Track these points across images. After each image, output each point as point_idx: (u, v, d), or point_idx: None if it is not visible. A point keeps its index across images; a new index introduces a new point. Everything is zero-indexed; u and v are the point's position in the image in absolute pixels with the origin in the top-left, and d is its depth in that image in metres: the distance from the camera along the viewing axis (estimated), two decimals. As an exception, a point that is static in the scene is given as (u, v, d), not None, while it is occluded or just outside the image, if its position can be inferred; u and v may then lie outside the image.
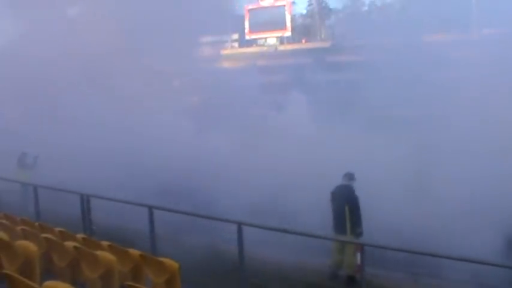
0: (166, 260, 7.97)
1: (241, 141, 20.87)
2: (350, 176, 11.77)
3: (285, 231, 9.57)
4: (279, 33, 53.31)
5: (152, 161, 20.03)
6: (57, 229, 9.98)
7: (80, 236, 9.68)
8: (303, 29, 51.29)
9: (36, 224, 10.81)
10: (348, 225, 11.21)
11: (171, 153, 20.08)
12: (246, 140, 20.90)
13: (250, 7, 55.69)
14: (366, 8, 47.81)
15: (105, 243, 8.91)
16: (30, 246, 8.12)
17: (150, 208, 10.72)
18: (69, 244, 8.63)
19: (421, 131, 18.75)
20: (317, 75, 25.72)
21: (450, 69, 18.49)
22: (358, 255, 9.70)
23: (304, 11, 56.38)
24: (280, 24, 52.83)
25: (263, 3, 54.78)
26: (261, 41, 54.41)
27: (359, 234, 11.20)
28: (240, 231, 9.13)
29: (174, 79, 26.35)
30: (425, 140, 18.36)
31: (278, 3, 53.74)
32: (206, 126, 22.58)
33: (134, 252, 8.47)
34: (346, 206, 11.29)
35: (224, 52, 49.49)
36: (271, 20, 52.65)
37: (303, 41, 47.26)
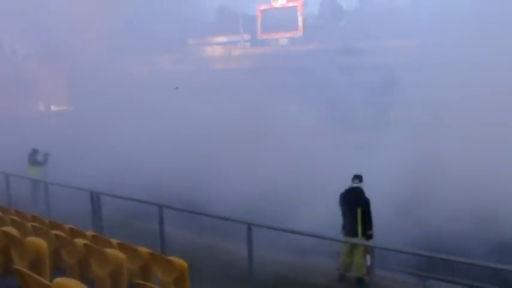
0: (176, 259, 7.98)
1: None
2: (360, 178, 11.74)
3: (294, 232, 9.56)
4: (290, 34, 53.27)
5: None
6: (67, 226, 10.01)
7: (89, 233, 9.72)
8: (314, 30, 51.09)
9: (47, 220, 10.86)
10: (359, 227, 11.19)
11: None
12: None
13: (262, 8, 55.73)
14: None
15: (114, 241, 8.93)
16: (41, 242, 8.14)
17: (160, 207, 10.76)
18: (79, 241, 8.65)
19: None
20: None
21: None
22: (368, 258, 9.71)
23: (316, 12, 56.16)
24: (292, 25, 52.79)
25: (275, 4, 54.77)
26: (273, 42, 54.42)
27: (369, 236, 11.18)
28: (249, 232, 9.14)
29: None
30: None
31: (290, 4, 53.71)
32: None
33: (143, 250, 8.48)
34: (358, 208, 11.26)
35: (235, 52, 49.54)
36: (283, 21, 52.60)
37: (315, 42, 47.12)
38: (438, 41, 19.28)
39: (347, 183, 11.78)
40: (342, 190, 11.77)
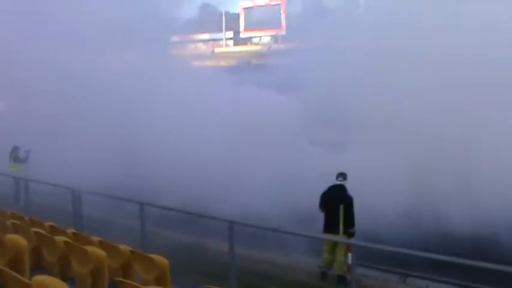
0: (157, 257, 7.96)
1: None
2: (344, 176, 11.78)
3: (276, 230, 9.57)
4: (273, 32, 53.35)
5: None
6: (48, 224, 9.95)
7: (70, 231, 9.66)
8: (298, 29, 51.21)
9: (27, 218, 10.77)
10: (341, 225, 11.22)
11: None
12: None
13: (245, 5, 55.76)
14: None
15: (95, 238, 8.89)
16: (20, 240, 8.08)
17: (141, 204, 10.71)
18: (60, 239, 8.60)
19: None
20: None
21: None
22: (350, 256, 9.75)
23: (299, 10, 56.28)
24: (275, 23, 52.85)
25: (258, 2, 54.80)
26: (256, 40, 54.48)
27: (352, 234, 11.22)
28: (231, 230, 9.13)
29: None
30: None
31: (273, 2, 53.76)
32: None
33: (124, 248, 8.45)
34: (341, 205, 11.29)
35: (218, 50, 49.50)
36: (266, 19, 52.66)
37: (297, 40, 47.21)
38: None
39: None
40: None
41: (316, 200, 11.80)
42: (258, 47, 50.29)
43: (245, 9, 55.53)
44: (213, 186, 16.77)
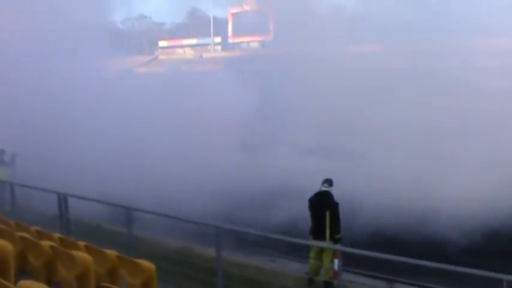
0: (143, 262, 7.93)
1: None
2: (329, 182, 11.80)
3: (264, 235, 9.58)
4: (261, 38, 53.33)
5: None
6: (34, 228, 9.88)
7: (56, 235, 9.60)
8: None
9: (12, 222, 10.70)
10: (327, 231, 11.23)
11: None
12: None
13: (233, 10, 55.74)
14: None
15: (81, 243, 8.84)
16: (6, 245, 8.01)
17: (128, 209, 10.67)
18: (45, 243, 8.54)
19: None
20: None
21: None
22: (336, 262, 9.76)
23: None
24: (263, 29, 52.84)
25: (247, 7, 54.78)
26: (244, 45, 54.46)
27: (338, 240, 11.23)
28: (218, 235, 9.11)
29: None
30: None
31: (262, 8, 53.73)
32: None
33: (111, 253, 8.41)
34: (327, 211, 11.31)
35: (205, 55, 49.45)
36: (254, 24, 52.61)
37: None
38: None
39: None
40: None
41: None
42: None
43: (233, 14, 55.51)
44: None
